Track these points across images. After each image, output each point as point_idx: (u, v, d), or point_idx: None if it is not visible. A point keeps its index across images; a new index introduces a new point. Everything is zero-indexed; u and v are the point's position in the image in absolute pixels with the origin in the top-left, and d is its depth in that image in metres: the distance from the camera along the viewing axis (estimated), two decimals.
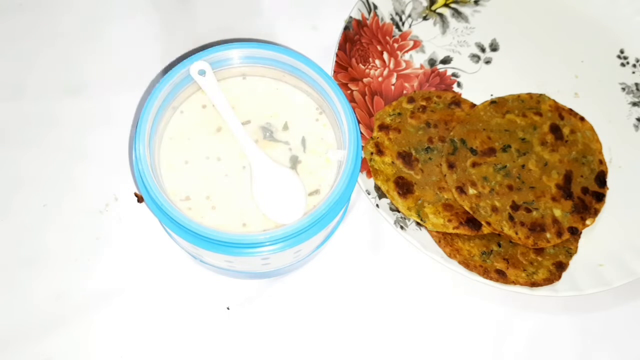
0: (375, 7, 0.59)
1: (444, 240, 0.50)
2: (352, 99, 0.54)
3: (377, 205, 0.50)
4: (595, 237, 0.52)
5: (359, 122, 0.53)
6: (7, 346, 0.47)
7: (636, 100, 0.59)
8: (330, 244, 0.50)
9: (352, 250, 0.51)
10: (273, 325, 0.49)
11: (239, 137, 0.44)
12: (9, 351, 0.47)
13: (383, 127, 0.53)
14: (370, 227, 0.52)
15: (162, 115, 0.44)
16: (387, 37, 0.58)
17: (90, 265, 0.49)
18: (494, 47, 0.60)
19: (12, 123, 0.54)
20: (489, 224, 0.50)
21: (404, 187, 0.51)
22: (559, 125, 0.55)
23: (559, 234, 0.51)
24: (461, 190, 0.51)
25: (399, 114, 0.54)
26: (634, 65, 0.60)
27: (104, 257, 0.50)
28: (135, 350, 0.47)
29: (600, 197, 0.53)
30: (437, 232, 0.51)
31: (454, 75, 0.58)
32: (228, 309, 0.49)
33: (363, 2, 0.58)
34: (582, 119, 0.56)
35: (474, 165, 0.52)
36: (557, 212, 0.52)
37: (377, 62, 0.57)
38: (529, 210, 0.51)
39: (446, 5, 0.61)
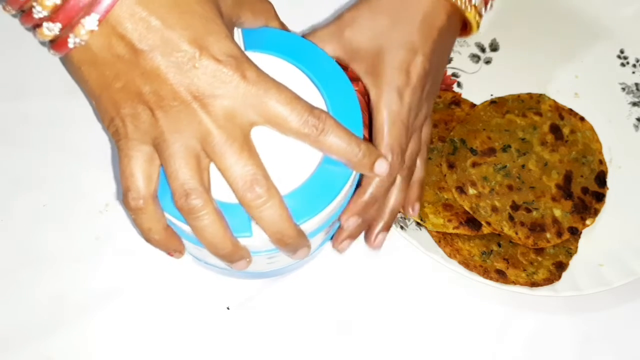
0: None
1: (444, 240, 0.50)
2: None
3: None
4: (595, 237, 0.52)
5: None
6: (7, 346, 0.47)
7: (636, 100, 0.59)
8: (330, 244, 0.50)
9: (352, 250, 0.51)
10: (273, 325, 0.49)
11: None
12: (9, 351, 0.47)
13: None
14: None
15: None
16: None
17: (90, 265, 0.49)
18: (493, 47, 0.60)
19: (12, 123, 0.54)
20: (489, 224, 0.50)
21: None
22: (559, 125, 0.55)
23: (559, 234, 0.51)
24: (461, 190, 0.51)
25: None
26: (634, 65, 0.60)
27: (104, 257, 0.50)
28: (136, 351, 0.47)
29: (600, 197, 0.53)
30: (437, 232, 0.51)
31: (454, 75, 0.58)
32: (228, 308, 0.49)
33: None
34: (582, 119, 0.56)
35: (474, 165, 0.52)
36: (557, 212, 0.52)
37: None
38: (529, 210, 0.51)
39: None
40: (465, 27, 0.47)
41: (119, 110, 0.36)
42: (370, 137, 0.53)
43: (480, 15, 0.45)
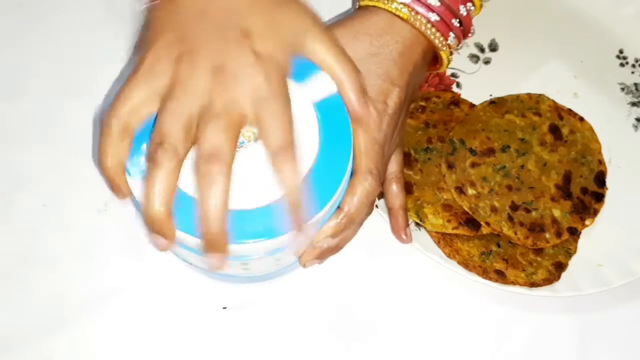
0: None
1: (443, 240, 0.50)
2: None
3: (377, 206, 0.50)
4: (594, 237, 0.52)
5: None
6: (7, 346, 0.47)
7: (635, 100, 0.59)
8: None
9: (350, 251, 0.51)
10: (271, 325, 0.49)
11: None
12: (9, 351, 0.47)
13: None
14: (369, 227, 0.52)
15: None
16: None
17: (89, 265, 0.50)
18: (493, 48, 0.60)
19: (13, 123, 0.54)
20: (488, 224, 0.50)
21: None
22: (558, 126, 0.55)
23: (558, 234, 0.51)
24: (460, 190, 0.51)
25: None
26: (633, 66, 0.60)
27: (104, 257, 0.50)
28: (135, 350, 0.47)
29: (599, 198, 0.53)
30: (436, 232, 0.51)
31: (453, 75, 0.58)
32: (225, 308, 0.49)
33: None
34: (581, 119, 0.56)
35: (473, 165, 0.52)
36: (557, 213, 0.52)
37: None
38: (528, 211, 0.51)
39: None
40: (435, 63, 0.49)
41: (155, 42, 0.38)
42: None
43: (452, 54, 0.48)
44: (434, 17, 0.45)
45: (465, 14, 0.46)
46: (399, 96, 0.44)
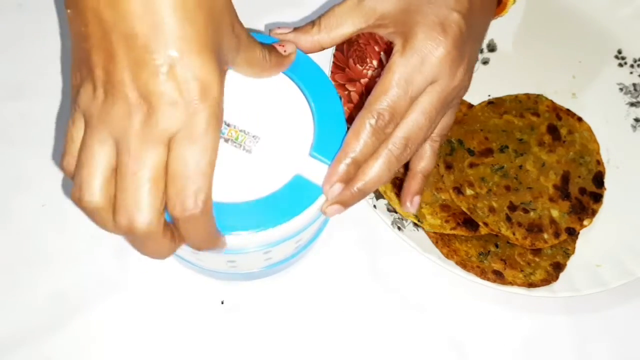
0: None
1: (442, 241, 0.50)
2: (349, 100, 0.54)
3: (375, 206, 0.51)
4: (592, 237, 0.52)
5: None
6: (6, 346, 0.47)
7: (634, 100, 0.59)
8: (327, 245, 0.50)
9: (348, 252, 0.51)
10: (269, 324, 0.49)
11: None
12: (8, 351, 0.47)
13: None
14: (367, 228, 0.52)
15: None
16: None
17: (89, 265, 0.50)
18: (491, 48, 0.60)
19: (12, 123, 0.54)
20: (486, 224, 0.50)
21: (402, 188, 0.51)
22: (557, 126, 0.55)
23: (557, 235, 0.51)
24: (458, 190, 0.51)
25: None
26: (632, 66, 0.60)
27: (102, 256, 0.50)
28: (135, 348, 0.48)
29: (597, 198, 0.53)
30: (434, 233, 0.51)
31: None
32: (222, 302, 0.49)
33: None
34: (579, 119, 0.56)
35: (471, 165, 0.52)
36: (555, 213, 0.52)
37: (375, 62, 0.57)
38: (526, 211, 0.51)
39: None
40: (499, 3, 0.44)
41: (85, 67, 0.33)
42: None
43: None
44: None
45: None
46: (459, 24, 0.38)
